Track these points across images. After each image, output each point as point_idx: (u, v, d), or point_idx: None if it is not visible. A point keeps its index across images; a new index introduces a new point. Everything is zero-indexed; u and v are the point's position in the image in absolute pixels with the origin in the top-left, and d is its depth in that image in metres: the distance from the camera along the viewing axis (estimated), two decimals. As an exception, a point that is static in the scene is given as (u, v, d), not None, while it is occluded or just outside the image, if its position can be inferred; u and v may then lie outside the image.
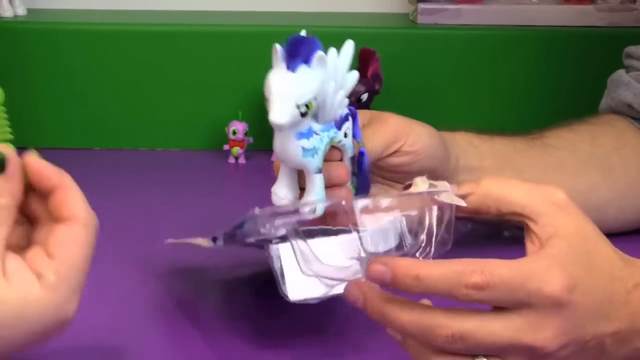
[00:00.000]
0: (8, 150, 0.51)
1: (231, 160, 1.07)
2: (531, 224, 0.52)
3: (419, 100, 1.12)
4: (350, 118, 0.62)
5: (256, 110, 1.09)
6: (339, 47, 0.60)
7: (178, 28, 1.12)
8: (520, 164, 0.76)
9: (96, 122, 1.12)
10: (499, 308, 0.50)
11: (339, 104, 0.59)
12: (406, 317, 0.50)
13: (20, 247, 0.49)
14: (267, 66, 0.56)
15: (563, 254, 0.50)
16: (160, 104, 1.12)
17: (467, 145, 0.75)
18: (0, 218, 0.48)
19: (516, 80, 1.13)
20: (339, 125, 0.60)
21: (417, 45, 1.12)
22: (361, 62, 1.05)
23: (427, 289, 0.49)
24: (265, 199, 0.96)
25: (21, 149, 0.54)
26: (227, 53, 1.10)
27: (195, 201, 0.93)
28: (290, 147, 0.57)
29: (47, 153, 0.70)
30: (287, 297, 0.56)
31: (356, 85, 1.02)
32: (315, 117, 0.58)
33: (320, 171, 0.58)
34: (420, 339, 0.50)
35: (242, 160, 1.07)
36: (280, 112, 0.55)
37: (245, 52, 1.11)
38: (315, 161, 0.58)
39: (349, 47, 0.59)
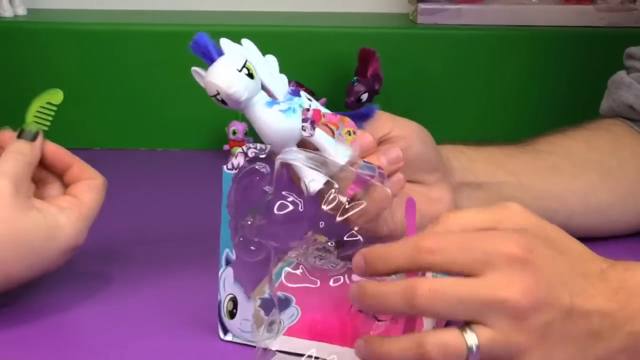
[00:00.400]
0: (38, 127, 0.68)
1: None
2: None
3: (419, 100, 1.12)
4: (300, 94, 0.62)
5: (256, 110, 1.09)
6: (340, 48, 0.60)
7: (178, 28, 1.12)
8: (513, 168, 0.76)
9: (96, 122, 1.12)
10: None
11: (279, 78, 0.60)
12: (387, 291, 0.51)
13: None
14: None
15: (517, 230, 0.52)
16: (160, 104, 1.12)
17: (455, 150, 0.75)
18: (26, 171, 0.65)
19: (516, 80, 1.13)
20: (295, 94, 0.61)
21: (417, 45, 1.12)
22: (361, 62, 1.05)
23: (393, 264, 0.52)
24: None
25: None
26: (227, 53, 1.10)
27: (195, 201, 0.93)
28: (269, 118, 0.58)
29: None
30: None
31: (356, 85, 1.03)
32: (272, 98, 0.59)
33: (314, 127, 0.58)
34: (402, 305, 0.50)
35: (242, 160, 1.07)
36: (229, 84, 0.55)
37: (245, 52, 1.10)
38: (298, 119, 0.58)
39: (247, 41, 0.62)
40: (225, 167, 0.60)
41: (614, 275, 0.54)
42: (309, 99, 0.61)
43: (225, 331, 0.61)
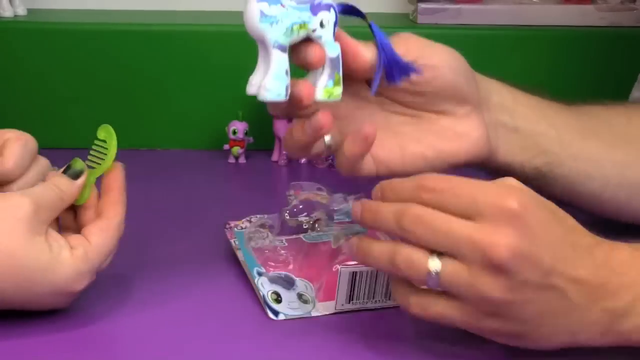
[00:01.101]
0: (84, 167, 0.66)
1: (231, 160, 1.07)
2: None
3: (419, 100, 1.12)
4: (332, 11, 0.60)
5: (256, 110, 1.09)
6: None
7: (178, 28, 1.12)
8: (556, 121, 0.72)
9: (96, 122, 1.11)
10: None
11: None
12: (386, 209, 0.56)
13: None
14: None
15: (517, 185, 0.55)
16: (160, 104, 1.12)
17: (500, 87, 0.72)
18: (55, 204, 0.63)
19: (516, 80, 1.12)
20: (314, 11, 0.59)
21: (417, 45, 1.12)
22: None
23: (398, 195, 0.56)
24: (265, 198, 0.96)
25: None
26: (227, 53, 1.10)
27: (195, 201, 0.93)
28: (250, 9, 0.57)
29: (47, 153, 0.70)
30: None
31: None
32: None
33: (281, 48, 0.58)
34: (392, 223, 0.55)
35: (242, 160, 1.07)
36: None
37: (245, 52, 1.10)
38: (275, 32, 0.57)
39: None
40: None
41: (600, 252, 0.55)
42: (322, 25, 0.60)
43: (276, 313, 0.66)
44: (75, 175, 0.65)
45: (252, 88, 0.61)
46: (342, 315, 0.66)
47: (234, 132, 1.06)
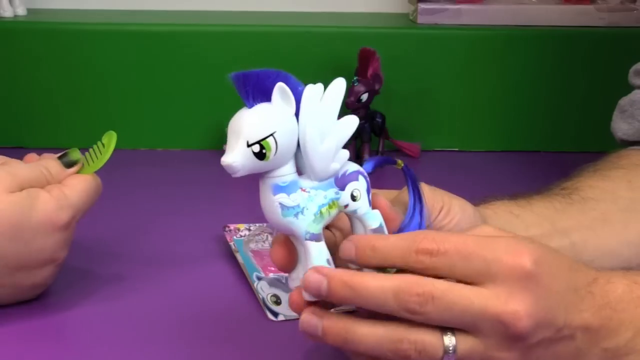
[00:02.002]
0: (81, 157, 0.67)
1: (231, 160, 1.07)
2: None
3: (419, 100, 1.12)
4: (361, 179, 0.52)
5: (256, 110, 1.09)
6: (340, 47, 0.58)
7: (178, 28, 1.12)
8: (565, 225, 0.70)
9: (96, 122, 1.12)
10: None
11: (328, 155, 0.50)
12: (376, 285, 0.48)
13: None
14: (267, 66, 0.55)
15: (521, 238, 0.51)
16: (160, 104, 1.12)
17: (509, 216, 0.69)
18: (39, 182, 0.64)
19: (516, 80, 1.13)
20: (341, 185, 0.51)
21: (417, 45, 1.12)
22: (361, 62, 1.05)
23: (383, 259, 0.49)
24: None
25: (22, 148, 0.55)
26: (227, 53, 1.10)
27: (195, 201, 0.93)
28: (267, 204, 0.50)
29: (47, 153, 0.70)
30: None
31: (356, 85, 1.03)
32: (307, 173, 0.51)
33: (315, 238, 0.50)
34: (392, 303, 0.48)
35: (242, 160, 1.07)
36: (228, 152, 0.48)
37: (245, 52, 1.11)
38: (302, 223, 0.50)
39: (338, 85, 0.51)
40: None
41: (598, 289, 0.53)
42: (354, 198, 0.51)
43: (275, 314, 0.66)
44: (69, 164, 0.66)
45: (293, 282, 0.53)
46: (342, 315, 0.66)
47: (234, 132, 1.06)
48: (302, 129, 0.49)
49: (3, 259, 0.62)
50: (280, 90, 0.48)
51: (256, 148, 0.48)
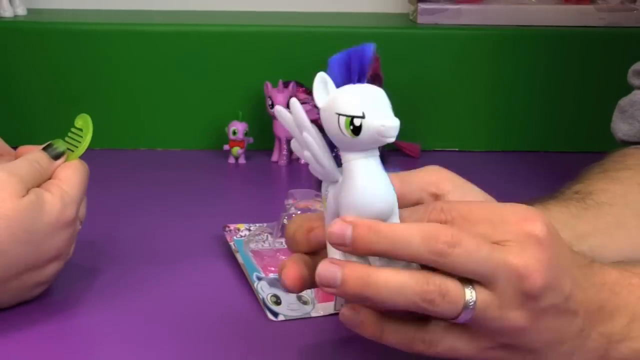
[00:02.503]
0: (65, 149, 0.67)
1: (231, 160, 1.07)
2: None
3: (419, 100, 1.12)
4: None
5: (256, 110, 1.09)
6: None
7: (178, 28, 1.12)
8: (582, 230, 0.70)
9: (96, 122, 1.11)
10: None
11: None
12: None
13: None
14: (267, 66, 0.55)
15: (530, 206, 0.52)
16: (160, 104, 1.12)
17: None
18: (37, 180, 0.65)
19: (516, 80, 1.13)
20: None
21: (417, 45, 1.12)
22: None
23: (389, 241, 0.49)
24: (265, 198, 0.96)
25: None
26: (227, 53, 1.10)
27: (195, 201, 0.93)
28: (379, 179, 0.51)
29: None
30: None
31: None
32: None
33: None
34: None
35: (242, 160, 1.07)
36: (390, 115, 0.50)
37: (245, 52, 1.11)
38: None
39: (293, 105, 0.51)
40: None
41: (596, 270, 0.54)
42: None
43: (275, 314, 0.66)
44: (56, 156, 0.67)
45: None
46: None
47: (234, 133, 1.06)
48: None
49: (15, 263, 0.62)
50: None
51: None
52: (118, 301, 0.68)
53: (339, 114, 0.49)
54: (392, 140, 0.49)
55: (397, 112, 0.71)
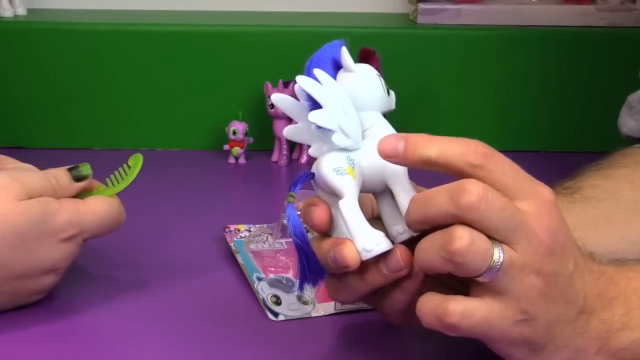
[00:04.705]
0: (90, 174, 0.67)
1: (231, 160, 1.07)
2: None
3: (419, 100, 1.12)
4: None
5: (256, 110, 1.09)
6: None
7: (178, 28, 1.12)
8: (568, 223, 0.72)
9: (96, 122, 1.12)
10: None
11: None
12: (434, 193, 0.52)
13: None
14: (267, 66, 0.56)
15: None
16: (160, 104, 1.12)
17: None
18: (48, 193, 0.63)
19: (516, 80, 1.13)
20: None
21: (417, 45, 1.12)
22: (361, 62, 1.05)
23: (440, 149, 0.56)
24: (265, 198, 0.96)
25: (22, 148, 0.55)
26: (227, 53, 1.10)
27: (195, 201, 0.93)
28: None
29: (47, 153, 0.70)
30: None
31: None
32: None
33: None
34: (450, 202, 0.50)
35: (242, 160, 1.07)
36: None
37: (245, 52, 1.11)
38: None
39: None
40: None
41: (595, 261, 0.55)
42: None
43: (276, 314, 0.66)
44: (78, 178, 0.66)
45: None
46: (342, 315, 0.66)
47: (234, 133, 1.06)
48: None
49: (5, 267, 0.62)
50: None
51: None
52: (118, 301, 0.68)
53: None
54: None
55: (397, 112, 0.71)
